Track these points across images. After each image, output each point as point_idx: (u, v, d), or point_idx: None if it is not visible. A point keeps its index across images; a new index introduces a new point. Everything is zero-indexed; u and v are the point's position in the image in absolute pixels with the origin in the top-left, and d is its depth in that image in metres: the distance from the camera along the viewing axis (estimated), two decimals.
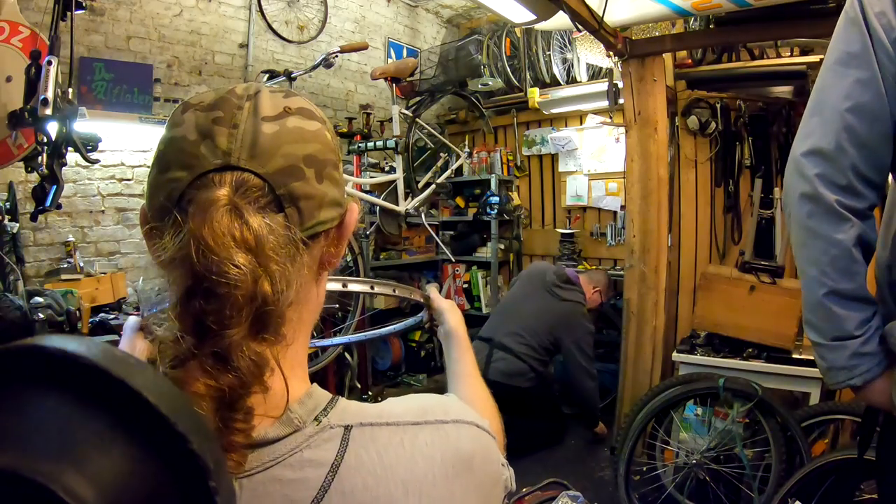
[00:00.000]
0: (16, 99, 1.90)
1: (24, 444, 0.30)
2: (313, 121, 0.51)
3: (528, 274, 3.52)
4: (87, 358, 0.33)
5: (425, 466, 0.47)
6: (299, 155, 0.47)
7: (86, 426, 0.32)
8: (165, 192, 0.46)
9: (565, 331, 3.19)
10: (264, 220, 0.44)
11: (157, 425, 0.32)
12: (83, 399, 0.33)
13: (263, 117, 0.47)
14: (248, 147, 0.45)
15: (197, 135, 0.46)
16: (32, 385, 0.33)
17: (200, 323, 0.42)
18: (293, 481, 0.44)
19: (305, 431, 0.46)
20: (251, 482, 0.43)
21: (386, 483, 0.45)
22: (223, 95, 0.48)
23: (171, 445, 0.33)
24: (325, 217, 0.49)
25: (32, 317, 2.22)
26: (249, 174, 0.45)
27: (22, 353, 0.33)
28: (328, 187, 0.49)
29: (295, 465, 0.44)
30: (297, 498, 0.43)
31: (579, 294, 3.30)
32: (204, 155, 0.45)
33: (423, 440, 0.48)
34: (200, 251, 0.41)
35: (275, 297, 0.43)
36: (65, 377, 0.33)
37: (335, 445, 0.46)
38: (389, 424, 0.48)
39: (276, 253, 0.44)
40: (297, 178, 0.46)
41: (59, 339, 0.34)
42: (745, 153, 3.27)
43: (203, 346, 0.41)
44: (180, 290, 0.43)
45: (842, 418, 2.31)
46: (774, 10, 2.49)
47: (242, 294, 0.41)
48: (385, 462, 0.46)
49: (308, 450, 0.45)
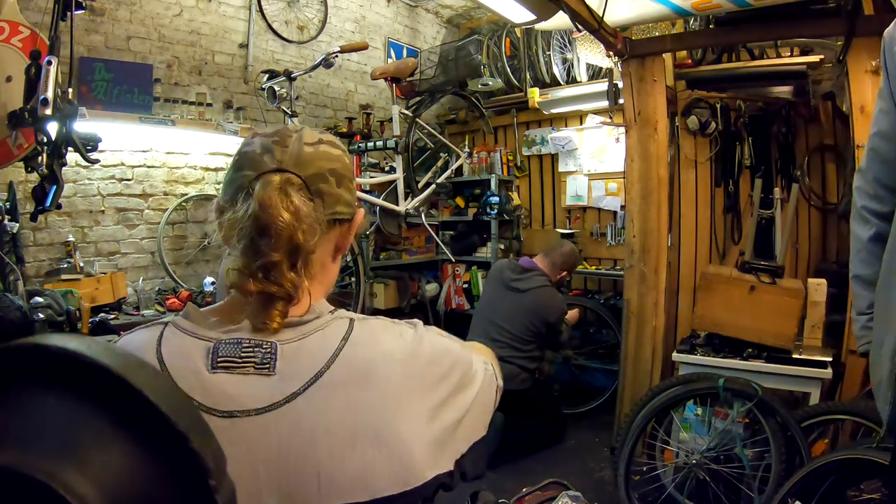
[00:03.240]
0: (16, 99, 1.90)
1: (25, 442, 0.31)
2: (337, 150, 0.76)
3: (490, 277, 3.49)
4: (88, 356, 0.33)
5: (400, 344, 0.71)
6: (326, 168, 0.72)
7: (86, 425, 0.32)
8: (237, 184, 0.70)
9: (541, 317, 3.16)
10: (302, 199, 0.68)
11: (157, 424, 0.33)
12: (84, 397, 0.33)
13: (305, 143, 0.72)
14: (294, 159, 0.70)
15: (261, 150, 0.71)
16: (33, 384, 0.33)
17: (257, 251, 0.65)
18: (320, 345, 0.67)
19: (325, 318, 0.70)
20: (291, 347, 0.66)
21: (377, 349, 0.69)
22: (280, 129, 0.74)
23: (172, 444, 0.33)
24: (341, 210, 0.74)
25: (32, 317, 2.22)
26: (293, 175, 0.69)
27: (22, 352, 0.33)
28: (344, 192, 0.74)
29: (320, 336, 0.68)
30: (323, 354, 0.66)
31: (539, 277, 3.25)
32: (265, 162, 0.70)
33: (398, 329, 0.74)
34: (261, 207, 0.66)
35: (304, 243, 0.67)
36: (65, 376, 0.33)
37: (344, 326, 0.70)
38: (378, 319, 0.74)
39: (307, 220, 0.68)
40: (324, 182, 0.72)
41: (59, 337, 0.34)
42: (745, 153, 3.27)
43: (256, 263, 0.65)
44: (248, 234, 0.66)
45: (842, 418, 2.30)
46: (774, 10, 2.50)
47: (284, 236, 0.65)
48: (375, 339, 0.70)
49: (328, 328, 0.69)
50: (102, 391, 0.33)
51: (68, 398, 0.33)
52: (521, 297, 3.19)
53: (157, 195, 3.28)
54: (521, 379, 3.14)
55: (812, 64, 2.90)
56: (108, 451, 0.32)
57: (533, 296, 3.18)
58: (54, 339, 0.34)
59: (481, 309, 3.40)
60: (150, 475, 0.33)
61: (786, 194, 3.09)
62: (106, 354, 0.33)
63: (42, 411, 0.33)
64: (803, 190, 3.22)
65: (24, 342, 0.33)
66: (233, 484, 0.39)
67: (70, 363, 0.33)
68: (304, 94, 4.06)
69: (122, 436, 0.32)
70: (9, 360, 0.34)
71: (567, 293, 4.17)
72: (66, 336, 0.35)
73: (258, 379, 0.63)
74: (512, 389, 3.11)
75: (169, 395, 0.34)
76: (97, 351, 0.33)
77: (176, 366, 0.63)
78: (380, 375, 0.66)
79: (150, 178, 3.24)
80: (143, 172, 3.22)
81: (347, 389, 0.64)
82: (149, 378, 0.34)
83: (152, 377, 0.35)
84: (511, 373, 3.12)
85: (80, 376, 0.33)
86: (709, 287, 2.84)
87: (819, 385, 2.45)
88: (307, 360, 0.65)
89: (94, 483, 0.30)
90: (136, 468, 0.32)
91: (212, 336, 0.66)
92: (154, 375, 0.35)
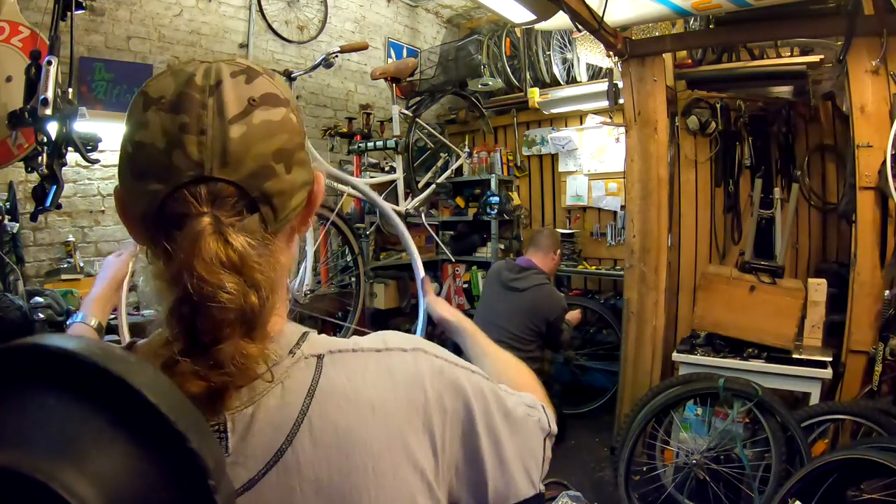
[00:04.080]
0: (16, 99, 1.90)
1: (24, 442, 0.31)
2: (279, 107, 0.51)
3: (488, 278, 3.49)
4: (87, 357, 0.33)
5: (388, 388, 0.54)
6: (268, 153, 0.49)
7: (86, 425, 0.32)
8: (145, 203, 0.49)
9: (541, 316, 3.15)
10: (244, 236, 0.47)
11: (156, 424, 0.33)
12: (83, 397, 0.33)
13: (230, 119, 0.48)
14: (218, 155, 0.47)
15: (166, 143, 0.47)
16: (33, 384, 0.33)
17: (192, 334, 0.46)
18: (279, 409, 0.49)
19: (283, 364, 0.51)
20: (243, 417, 0.49)
21: (356, 404, 0.52)
22: (183, 90, 0.49)
23: (171, 444, 0.33)
24: (296, 203, 0.53)
25: (32, 317, 2.22)
26: (223, 184, 0.47)
27: (22, 352, 0.33)
28: (297, 173, 0.52)
29: (278, 394, 0.50)
30: (283, 422, 0.49)
31: (537, 274, 3.24)
32: (177, 166, 0.47)
33: (385, 365, 0.55)
34: (194, 279, 0.45)
35: (261, 305, 0.48)
36: (65, 376, 0.33)
37: (310, 372, 0.52)
38: (356, 351, 0.55)
39: (259, 262, 0.48)
40: (269, 178, 0.49)
41: (59, 337, 0.34)
42: (745, 153, 3.27)
43: (195, 354, 0.46)
44: (172, 302, 0.47)
45: (842, 418, 2.31)
46: (774, 10, 2.50)
47: (233, 311, 0.46)
48: (354, 385, 0.53)
49: (288, 380, 0.51)
50: (102, 391, 0.33)
51: (68, 398, 0.33)
52: (521, 297, 3.19)
53: None
54: None
55: (812, 64, 2.90)
56: (107, 451, 0.32)
57: (532, 294, 3.18)
58: (54, 339, 0.34)
59: (481, 310, 3.40)
60: (149, 475, 0.33)
61: (786, 194, 3.09)
62: (105, 355, 0.33)
63: (42, 411, 0.33)
64: (803, 190, 3.22)
65: (23, 342, 0.33)
66: (232, 484, 0.39)
67: (70, 363, 0.33)
68: (304, 94, 4.06)
69: (121, 436, 0.32)
70: (9, 360, 0.34)
71: (567, 293, 4.17)
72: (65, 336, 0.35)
73: None
74: None
75: (168, 395, 0.34)
76: (97, 351, 0.33)
77: None
78: (359, 442, 0.51)
79: None
80: None
81: (317, 470, 0.50)
82: (148, 378, 0.34)
83: (151, 377, 0.35)
84: None
85: (79, 376, 0.33)
86: (709, 287, 2.84)
87: (819, 385, 2.45)
88: (264, 433, 0.49)
89: (94, 483, 0.30)
90: (136, 468, 0.32)
91: None
92: (153, 376, 0.35)
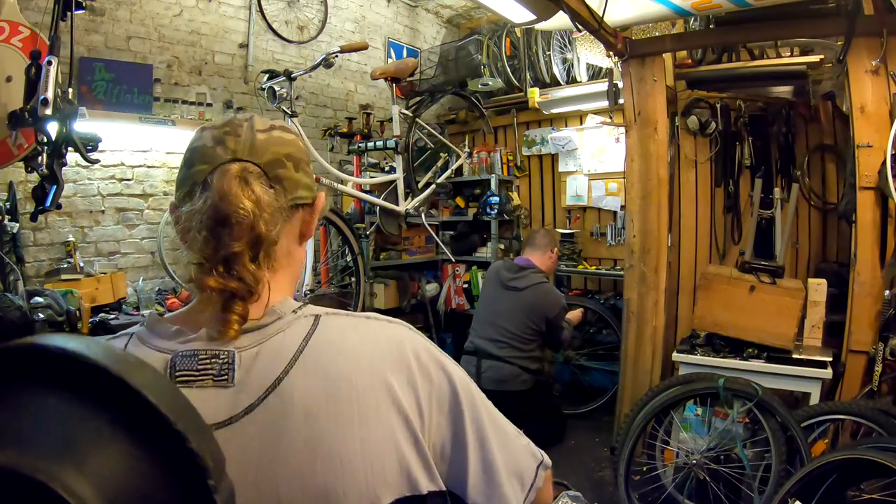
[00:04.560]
0: (16, 99, 1.90)
1: (24, 442, 0.31)
2: (290, 134, 0.73)
3: (487, 278, 3.51)
4: (87, 357, 0.33)
5: (371, 345, 0.66)
6: (282, 153, 0.70)
7: (85, 424, 0.32)
8: (192, 180, 0.67)
9: (541, 314, 3.16)
10: (262, 188, 0.66)
11: (156, 424, 0.33)
12: (83, 397, 0.33)
13: (257, 130, 0.70)
14: (248, 147, 0.68)
15: (213, 142, 0.68)
16: (33, 384, 0.33)
17: (218, 242, 0.63)
18: (280, 350, 0.63)
19: (287, 318, 0.66)
20: (249, 355, 0.62)
21: (345, 351, 0.64)
22: (228, 119, 0.71)
23: (171, 444, 0.33)
24: (302, 195, 0.71)
25: (32, 317, 2.22)
26: (250, 163, 0.67)
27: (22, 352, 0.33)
28: (302, 176, 0.72)
29: (280, 339, 0.64)
30: (282, 359, 0.62)
31: (536, 273, 3.26)
32: (219, 154, 0.67)
33: (372, 327, 0.69)
34: (220, 197, 0.63)
35: (266, 233, 0.64)
36: (65, 376, 0.33)
37: (308, 325, 0.66)
38: (349, 315, 0.70)
39: (268, 209, 0.65)
40: (282, 167, 0.69)
41: (58, 337, 0.34)
42: (745, 153, 3.27)
43: (217, 256, 0.62)
44: (207, 225, 0.63)
45: (842, 418, 2.31)
46: (774, 10, 2.50)
47: (246, 226, 0.63)
48: (344, 337, 0.66)
49: (289, 329, 0.65)
50: (101, 391, 0.33)
51: (68, 398, 0.33)
52: (520, 296, 3.19)
53: (157, 195, 3.28)
54: (522, 380, 3.14)
55: (812, 64, 2.90)
56: (107, 452, 0.32)
57: (531, 293, 3.19)
58: (54, 340, 0.34)
59: (480, 311, 3.40)
60: (148, 475, 0.33)
61: (786, 194, 3.09)
62: (105, 355, 0.33)
63: (42, 411, 0.33)
64: (803, 190, 3.22)
65: (24, 342, 0.33)
66: (232, 483, 0.39)
67: (69, 363, 0.33)
68: (304, 94, 4.06)
69: (121, 436, 0.32)
70: (9, 360, 0.34)
71: (567, 293, 4.18)
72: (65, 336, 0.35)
73: (217, 392, 0.60)
74: (513, 390, 3.11)
75: (168, 395, 0.34)
76: (96, 351, 0.33)
77: None
78: (345, 380, 0.62)
79: (150, 178, 3.24)
80: (143, 172, 3.22)
81: (306, 400, 0.60)
82: (147, 378, 0.34)
83: (151, 377, 0.35)
84: (512, 373, 3.12)
85: (79, 376, 0.33)
86: (709, 287, 2.84)
87: (819, 385, 2.45)
88: (265, 367, 0.61)
89: (93, 483, 0.30)
90: (135, 468, 0.32)
91: (170, 348, 0.63)
92: (153, 375, 0.35)
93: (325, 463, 0.59)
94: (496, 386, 3.07)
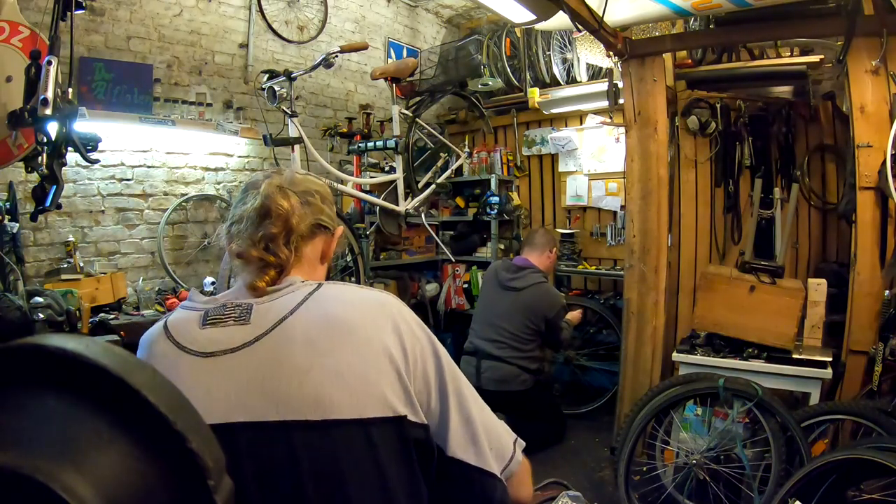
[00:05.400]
0: (16, 99, 1.90)
1: (24, 442, 0.31)
2: (320, 181, 0.98)
3: (486, 279, 3.50)
4: (87, 357, 0.33)
5: (365, 300, 0.84)
6: (312, 188, 0.94)
7: (85, 425, 0.32)
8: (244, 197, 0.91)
9: (540, 314, 3.16)
10: (296, 199, 0.90)
11: (156, 424, 0.33)
12: (83, 398, 0.33)
13: (296, 173, 0.95)
14: (288, 180, 0.92)
15: (262, 177, 0.93)
16: (33, 384, 0.33)
17: (261, 226, 0.87)
18: (288, 301, 0.82)
19: (297, 284, 0.85)
20: (264, 305, 0.82)
21: (341, 300, 0.83)
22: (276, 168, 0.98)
23: (171, 444, 0.33)
24: (325, 219, 0.94)
25: (32, 317, 2.22)
26: (289, 190, 0.90)
27: (22, 353, 0.33)
28: (326, 208, 0.95)
29: (290, 295, 0.83)
30: (289, 306, 0.81)
31: (534, 273, 3.25)
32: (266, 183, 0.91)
33: (364, 291, 0.87)
34: (265, 197, 0.88)
35: (297, 225, 0.88)
36: (65, 376, 0.33)
37: (312, 287, 0.85)
38: (345, 284, 0.89)
39: (298, 212, 0.89)
40: (311, 196, 0.93)
41: (58, 338, 0.34)
42: (745, 153, 3.27)
43: (259, 234, 0.86)
44: (254, 216, 0.87)
45: (842, 418, 2.31)
46: (774, 10, 2.50)
47: (283, 217, 0.87)
48: (342, 293, 0.85)
49: (298, 290, 0.84)
50: (101, 391, 0.33)
51: (67, 398, 0.33)
52: (519, 296, 3.19)
53: (157, 195, 3.28)
54: (522, 380, 3.13)
55: (812, 64, 2.90)
56: (106, 452, 0.32)
57: (530, 293, 3.19)
58: (54, 340, 0.34)
59: (479, 311, 3.40)
60: (148, 475, 0.33)
61: (786, 194, 3.09)
62: (105, 355, 0.33)
63: (41, 412, 0.33)
64: (803, 190, 3.22)
65: (23, 342, 0.33)
66: (231, 483, 0.39)
67: (69, 363, 0.33)
68: (304, 94, 4.06)
69: (120, 436, 0.32)
70: (9, 360, 0.34)
71: (567, 293, 4.18)
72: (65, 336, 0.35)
73: (237, 328, 0.79)
74: (513, 390, 3.11)
75: (167, 395, 0.34)
76: (96, 351, 0.33)
77: (178, 329, 0.82)
78: (341, 319, 0.79)
79: (150, 178, 3.24)
80: (143, 172, 3.22)
81: (307, 330, 0.78)
82: (147, 378, 0.34)
83: (151, 377, 0.35)
84: (512, 374, 3.12)
85: (79, 377, 0.33)
86: (709, 287, 2.84)
87: (819, 385, 2.45)
88: (276, 311, 0.80)
89: (93, 483, 0.30)
90: (135, 468, 0.32)
91: (205, 306, 0.84)
92: (153, 376, 0.35)
93: (320, 373, 0.75)
94: (496, 386, 3.07)
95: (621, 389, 3.09)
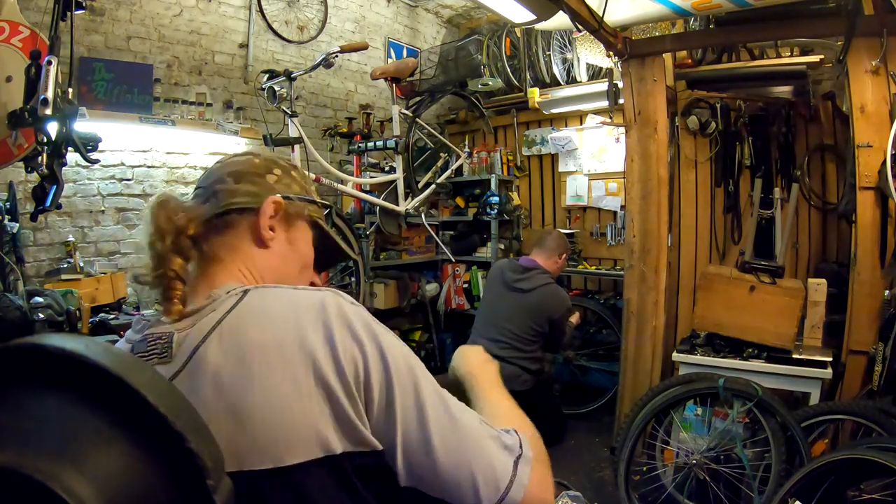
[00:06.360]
0: (16, 99, 1.89)
1: (23, 442, 0.31)
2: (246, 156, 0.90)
3: (490, 278, 3.47)
4: (87, 357, 0.33)
5: (290, 308, 0.70)
6: (225, 172, 0.85)
7: (85, 424, 0.32)
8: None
9: (546, 315, 3.14)
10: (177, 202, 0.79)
11: (155, 424, 0.33)
12: (82, 397, 0.33)
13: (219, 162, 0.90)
14: (203, 176, 0.88)
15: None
16: (33, 384, 0.33)
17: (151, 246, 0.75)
18: (205, 324, 0.69)
19: (220, 299, 0.72)
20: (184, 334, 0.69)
21: (261, 316, 0.69)
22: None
23: (170, 444, 0.33)
24: (238, 200, 0.82)
25: (32, 317, 2.22)
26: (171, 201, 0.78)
27: (22, 353, 0.33)
28: (243, 186, 0.83)
29: (211, 316, 0.70)
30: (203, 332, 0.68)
31: (541, 274, 3.22)
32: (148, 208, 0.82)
33: (297, 294, 0.72)
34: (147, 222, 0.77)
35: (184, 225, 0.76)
36: (64, 376, 0.33)
37: (235, 298, 0.71)
38: (278, 288, 0.74)
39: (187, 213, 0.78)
40: (220, 183, 0.83)
41: (58, 337, 0.34)
42: (745, 153, 3.27)
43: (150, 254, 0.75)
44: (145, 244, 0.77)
45: (842, 418, 2.31)
46: (774, 10, 2.50)
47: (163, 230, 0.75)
48: (265, 304, 0.71)
49: (219, 305, 0.71)
50: (101, 391, 0.33)
51: (67, 398, 0.33)
52: (526, 297, 3.18)
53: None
54: (523, 380, 3.13)
55: (812, 64, 2.89)
56: (106, 452, 0.32)
57: (538, 294, 3.17)
58: (53, 340, 0.34)
59: (483, 311, 3.39)
60: (148, 475, 0.33)
61: (786, 194, 3.09)
62: (104, 355, 0.33)
63: (41, 411, 0.33)
64: (803, 190, 3.22)
65: (23, 342, 0.33)
66: (231, 483, 0.39)
67: (69, 363, 0.33)
68: (304, 94, 4.06)
69: (120, 436, 0.32)
70: (9, 360, 0.34)
71: (567, 293, 4.17)
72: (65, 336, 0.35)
73: (161, 368, 0.68)
74: (513, 391, 3.10)
75: (167, 395, 0.34)
76: (96, 351, 0.33)
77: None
78: (255, 345, 0.66)
79: (150, 178, 3.24)
80: (144, 172, 3.22)
81: (216, 365, 0.66)
82: (147, 378, 0.34)
83: (150, 377, 0.35)
84: (512, 373, 3.11)
85: (78, 376, 0.33)
86: (709, 287, 2.84)
87: (819, 385, 2.45)
88: (189, 342, 0.69)
89: (93, 483, 0.30)
90: (135, 468, 0.32)
91: (134, 338, 0.74)
92: (152, 376, 0.35)
93: (229, 420, 0.63)
94: None
95: (621, 389, 3.09)
